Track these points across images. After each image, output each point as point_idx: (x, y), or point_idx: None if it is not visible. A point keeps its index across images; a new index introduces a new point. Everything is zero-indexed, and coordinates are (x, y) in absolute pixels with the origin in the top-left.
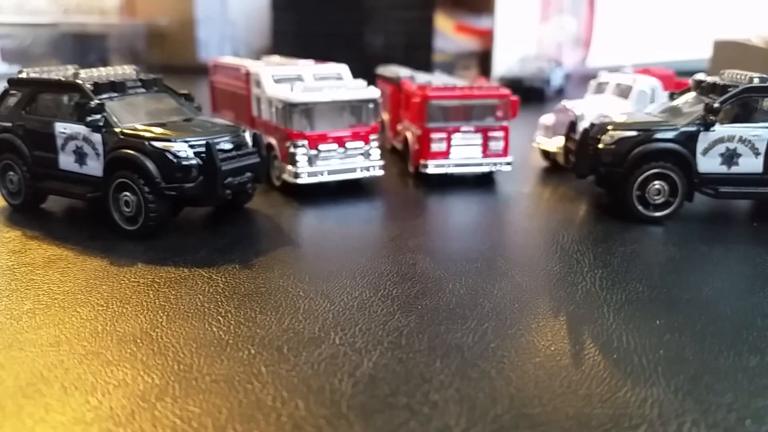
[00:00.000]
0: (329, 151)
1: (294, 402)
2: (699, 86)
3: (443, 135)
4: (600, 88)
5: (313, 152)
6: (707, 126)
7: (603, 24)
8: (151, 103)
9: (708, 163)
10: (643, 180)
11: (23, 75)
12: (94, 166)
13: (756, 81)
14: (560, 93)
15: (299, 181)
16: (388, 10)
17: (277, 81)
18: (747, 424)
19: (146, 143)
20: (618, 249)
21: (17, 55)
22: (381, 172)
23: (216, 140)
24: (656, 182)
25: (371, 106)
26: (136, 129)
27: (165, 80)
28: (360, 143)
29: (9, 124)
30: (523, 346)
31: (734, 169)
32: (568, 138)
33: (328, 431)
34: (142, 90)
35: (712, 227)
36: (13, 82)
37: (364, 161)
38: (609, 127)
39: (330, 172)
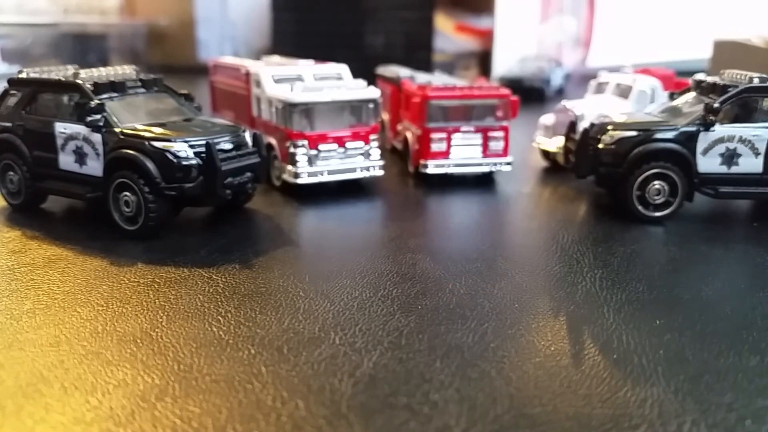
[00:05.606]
0: (329, 151)
1: (294, 402)
2: (699, 86)
3: (443, 135)
4: (600, 88)
5: (313, 152)
6: (707, 126)
7: (603, 24)
8: (151, 103)
9: (708, 163)
10: (643, 180)
11: (23, 75)
12: (94, 166)
13: (756, 81)
14: (560, 93)
15: (299, 181)
16: (388, 10)
17: (277, 81)
18: (747, 424)
19: (146, 143)
20: (618, 249)
21: (17, 55)
22: (381, 172)
23: (216, 140)
24: (656, 182)
25: (371, 106)
26: (136, 129)
27: (165, 80)
28: (360, 143)
29: (9, 124)
30: (523, 346)
31: (734, 169)
32: (568, 138)
33: (328, 431)
34: (142, 90)
35: (712, 227)
36: (13, 82)
37: (364, 161)
38: (609, 127)
39: (330, 172)
